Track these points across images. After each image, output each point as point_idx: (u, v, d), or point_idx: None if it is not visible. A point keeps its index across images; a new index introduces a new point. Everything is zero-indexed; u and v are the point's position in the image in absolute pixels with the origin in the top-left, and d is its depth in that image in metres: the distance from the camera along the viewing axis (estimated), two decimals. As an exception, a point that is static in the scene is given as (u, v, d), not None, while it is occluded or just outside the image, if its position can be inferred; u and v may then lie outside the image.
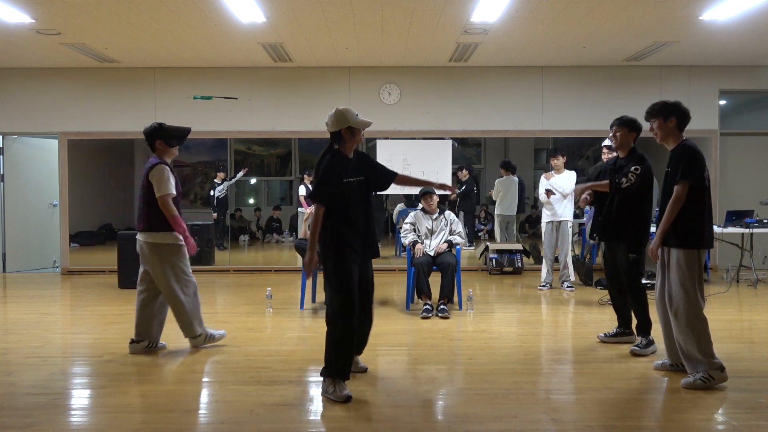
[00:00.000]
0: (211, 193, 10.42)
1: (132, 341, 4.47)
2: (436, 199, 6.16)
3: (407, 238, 6.10)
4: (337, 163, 3.57)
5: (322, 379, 3.56)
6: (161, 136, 4.38)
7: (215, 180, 10.46)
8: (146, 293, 4.47)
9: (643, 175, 4.34)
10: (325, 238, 3.55)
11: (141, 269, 4.50)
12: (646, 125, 4.05)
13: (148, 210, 4.31)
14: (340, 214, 3.56)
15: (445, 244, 6.01)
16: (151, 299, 4.47)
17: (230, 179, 10.50)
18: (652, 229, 4.41)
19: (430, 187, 6.16)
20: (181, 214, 4.41)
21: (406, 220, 6.26)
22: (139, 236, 4.40)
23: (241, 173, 10.62)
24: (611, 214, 4.45)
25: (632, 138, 4.50)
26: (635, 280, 4.44)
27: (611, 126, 4.57)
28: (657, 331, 4.36)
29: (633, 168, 4.34)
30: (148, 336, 4.48)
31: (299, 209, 10.11)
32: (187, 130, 4.54)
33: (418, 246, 5.99)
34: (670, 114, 3.75)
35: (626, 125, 4.49)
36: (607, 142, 6.19)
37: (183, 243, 4.42)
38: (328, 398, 3.45)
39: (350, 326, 3.50)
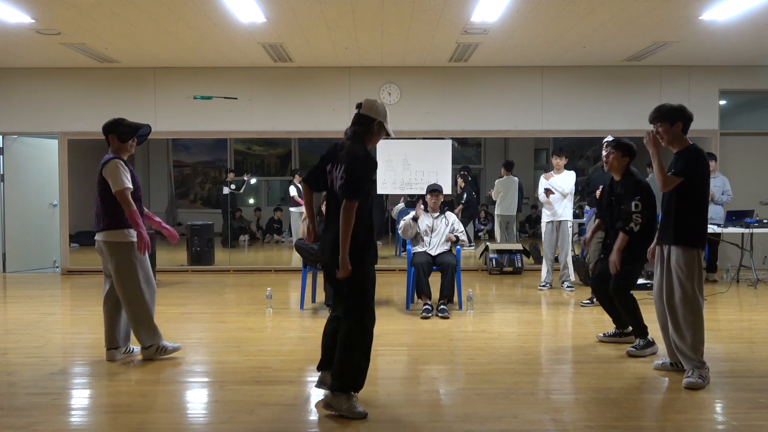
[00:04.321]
0: (226, 191, 10.41)
1: (108, 348, 4.27)
2: (441, 198, 6.18)
3: (403, 221, 6.15)
4: (373, 159, 3.30)
5: (327, 393, 3.25)
6: (114, 131, 4.22)
7: (228, 179, 10.53)
8: (112, 299, 4.26)
9: (646, 203, 4.31)
10: (358, 241, 3.19)
11: (104, 275, 4.31)
12: (644, 131, 4.04)
13: (105, 208, 4.14)
14: (368, 216, 3.26)
15: (453, 235, 6.00)
16: (117, 304, 4.25)
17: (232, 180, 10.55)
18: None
19: (437, 185, 6.20)
20: (142, 211, 4.24)
21: (405, 217, 6.28)
22: (98, 236, 4.21)
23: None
24: (614, 228, 4.46)
25: (625, 162, 4.48)
26: (621, 290, 4.39)
27: (606, 146, 4.59)
28: (655, 332, 4.36)
29: (634, 206, 4.27)
30: (120, 343, 4.29)
31: (291, 209, 10.15)
32: (143, 127, 4.33)
33: (418, 211, 6.08)
34: (677, 119, 3.76)
35: (620, 149, 4.47)
36: (608, 138, 6.17)
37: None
38: (343, 415, 3.16)
39: (372, 335, 3.30)
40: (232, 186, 10.36)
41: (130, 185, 4.11)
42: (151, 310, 4.24)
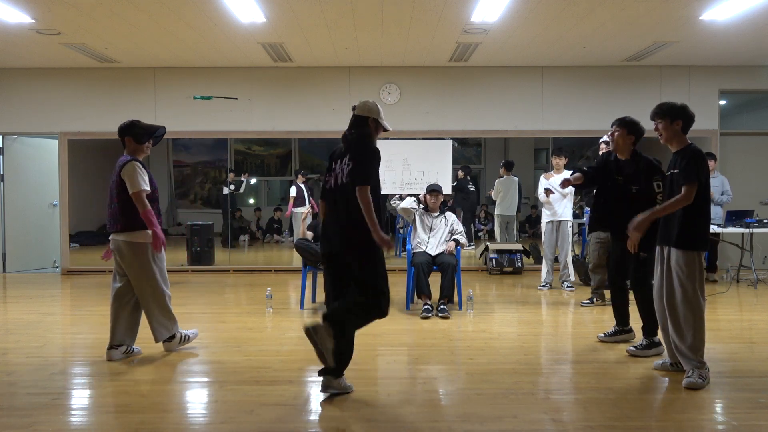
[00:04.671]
0: (226, 191, 10.40)
1: (109, 347, 4.30)
2: (441, 198, 6.19)
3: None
4: (378, 150, 3.51)
5: (326, 377, 3.49)
6: (130, 133, 4.31)
7: (228, 180, 10.53)
8: (122, 297, 4.33)
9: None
10: (367, 232, 3.34)
11: (115, 273, 4.38)
12: (648, 125, 4.03)
13: (124, 209, 4.20)
14: (377, 206, 3.41)
15: (453, 243, 6.01)
16: (127, 303, 4.34)
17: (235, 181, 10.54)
18: None
19: (436, 185, 6.21)
20: (159, 211, 4.34)
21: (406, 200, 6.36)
22: (116, 236, 4.26)
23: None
24: (621, 211, 4.39)
25: (630, 141, 4.40)
26: (643, 280, 4.36)
27: (612, 125, 4.53)
28: (659, 332, 4.37)
29: (656, 186, 4.25)
30: (125, 341, 4.35)
31: (294, 209, 10.14)
32: (159, 129, 4.45)
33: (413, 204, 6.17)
34: (677, 117, 3.75)
35: (625, 126, 4.40)
36: (605, 138, 6.19)
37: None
38: (342, 391, 3.49)
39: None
40: (231, 186, 10.37)
41: (147, 188, 4.21)
42: (168, 305, 4.39)
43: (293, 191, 10.04)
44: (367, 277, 3.40)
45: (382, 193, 3.63)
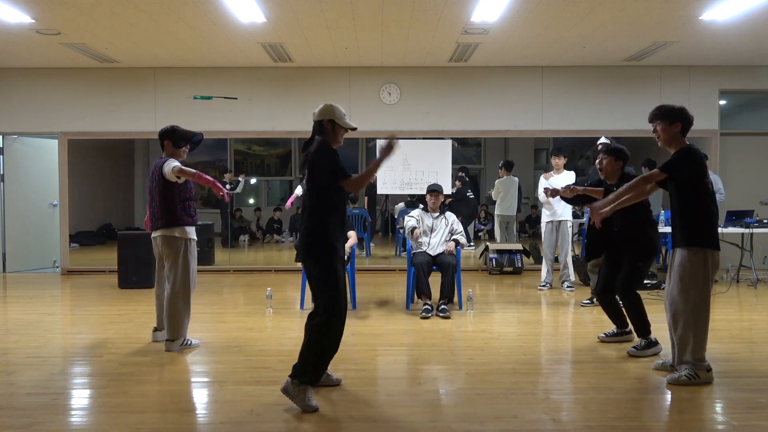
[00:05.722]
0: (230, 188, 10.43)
1: (155, 329, 4.69)
2: (441, 198, 6.19)
3: (409, 223, 6.12)
4: (330, 147, 3.52)
5: (290, 381, 3.33)
6: (170, 136, 4.60)
7: (225, 180, 10.54)
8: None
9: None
10: (320, 235, 3.36)
11: (158, 268, 4.67)
12: (644, 131, 4.04)
13: (166, 206, 4.47)
14: (337, 211, 3.43)
15: (453, 243, 6.01)
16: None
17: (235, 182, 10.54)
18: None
19: (436, 185, 6.20)
20: (194, 209, 4.64)
21: (408, 215, 6.28)
22: (157, 232, 4.52)
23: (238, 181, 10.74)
24: (617, 230, 4.43)
25: (618, 166, 4.54)
26: (629, 287, 4.40)
27: (598, 152, 4.61)
28: (659, 332, 4.38)
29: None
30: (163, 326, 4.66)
31: (300, 209, 10.13)
32: (196, 135, 4.72)
33: (417, 232, 6.03)
34: (676, 119, 3.74)
35: (613, 154, 4.52)
36: (603, 140, 6.19)
37: (195, 238, 4.61)
38: (297, 404, 3.28)
39: (342, 330, 3.44)
40: (228, 186, 10.38)
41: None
42: (189, 304, 4.60)
43: (299, 190, 10.04)
44: (321, 284, 3.36)
45: (381, 192, 3.61)
